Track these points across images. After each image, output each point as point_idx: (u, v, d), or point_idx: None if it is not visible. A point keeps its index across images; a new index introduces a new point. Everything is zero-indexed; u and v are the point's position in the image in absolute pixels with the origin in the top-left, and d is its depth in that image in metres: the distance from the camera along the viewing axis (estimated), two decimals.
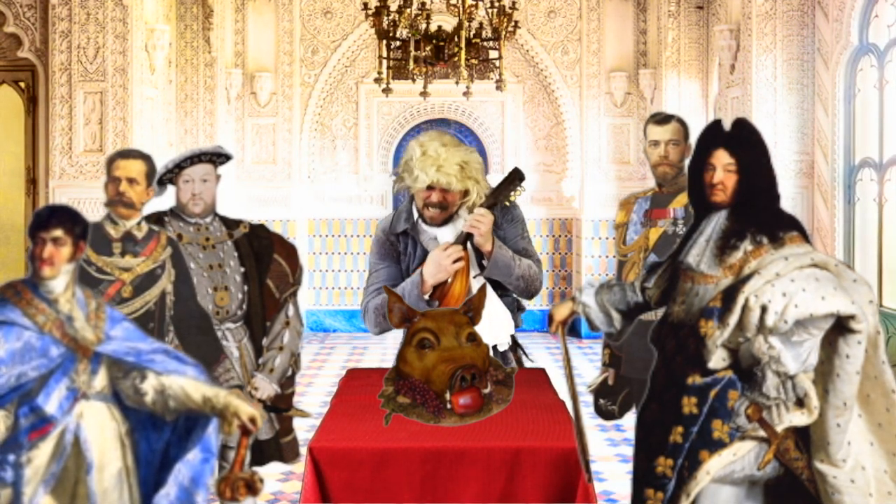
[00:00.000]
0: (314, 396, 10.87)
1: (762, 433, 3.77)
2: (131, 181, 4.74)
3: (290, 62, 15.34)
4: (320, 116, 15.59)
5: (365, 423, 3.90)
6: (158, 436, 3.89)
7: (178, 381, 3.81)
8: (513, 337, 5.06)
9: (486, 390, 3.98)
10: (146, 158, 4.82)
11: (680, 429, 3.85)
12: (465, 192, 4.94)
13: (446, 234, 4.97)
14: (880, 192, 9.83)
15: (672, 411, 3.88)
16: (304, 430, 8.65)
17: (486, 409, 3.93)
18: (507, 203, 4.93)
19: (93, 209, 8.99)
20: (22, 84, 11.80)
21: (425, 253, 4.88)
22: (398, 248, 4.91)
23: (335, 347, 14.59)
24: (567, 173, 15.46)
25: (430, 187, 4.86)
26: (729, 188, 3.93)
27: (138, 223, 4.84)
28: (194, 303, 4.98)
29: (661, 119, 5.70)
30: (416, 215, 4.99)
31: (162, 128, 12.39)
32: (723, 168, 3.93)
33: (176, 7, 13.49)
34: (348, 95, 15.82)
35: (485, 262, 4.86)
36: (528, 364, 5.14)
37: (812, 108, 10.74)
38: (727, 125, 3.98)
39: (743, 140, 3.93)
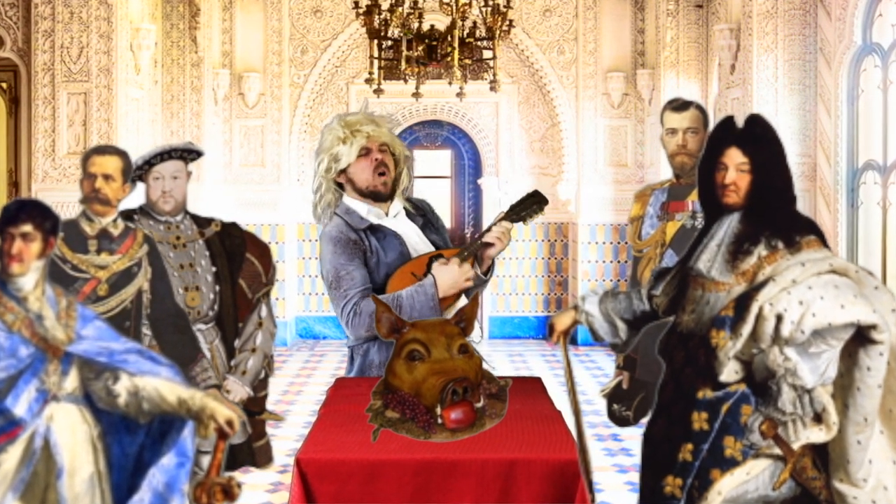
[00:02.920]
0: (303, 405, 10.87)
1: (777, 451, 3.68)
2: (107, 178, 4.72)
3: (279, 62, 15.28)
4: (310, 118, 15.51)
5: (354, 433, 3.78)
6: (132, 439, 3.84)
7: (152, 382, 3.76)
8: None
9: (479, 404, 3.86)
10: (122, 155, 4.79)
11: (689, 446, 3.75)
12: (396, 165, 4.94)
13: (405, 229, 4.92)
14: (884, 196, 9.78)
15: (681, 427, 3.78)
16: (293, 439, 8.66)
17: (479, 423, 3.81)
18: (525, 223, 4.86)
19: (77, 213, 8.92)
20: (3, 85, 11.84)
21: (395, 249, 4.82)
22: (363, 246, 4.80)
23: (325, 355, 14.52)
24: (563, 176, 15.41)
25: (368, 149, 4.83)
26: (742, 189, 3.82)
27: (114, 220, 4.83)
28: (171, 301, 4.98)
29: (679, 106, 5.60)
30: (363, 211, 4.89)
31: (147, 129, 12.42)
32: (735, 168, 3.82)
33: (162, 6, 13.51)
34: (339, 96, 15.77)
35: (478, 273, 4.80)
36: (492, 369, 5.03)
37: (814, 110, 10.69)
38: (739, 122, 3.90)
39: (757, 137, 3.83)
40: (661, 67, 14.16)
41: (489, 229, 4.79)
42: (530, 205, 4.81)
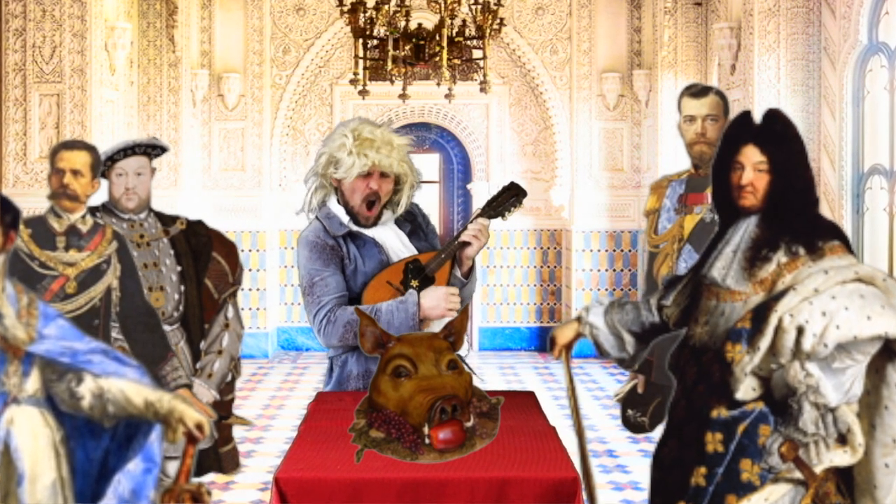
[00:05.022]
0: (285, 420, 10.89)
1: (798, 474, 3.58)
2: (76, 173, 4.81)
3: (260, 62, 15.25)
4: (292, 120, 15.51)
5: (336, 451, 3.73)
6: (96, 444, 3.80)
7: (117, 383, 3.72)
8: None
9: (469, 423, 3.79)
10: (91, 149, 4.90)
11: (703, 469, 3.66)
12: (395, 182, 4.86)
13: (387, 236, 4.86)
14: (891, 202, 9.71)
15: (693, 449, 3.70)
16: (274, 455, 8.63)
17: (469, 444, 3.74)
18: (504, 217, 4.81)
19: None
20: None
21: (373, 257, 4.78)
22: (340, 253, 4.77)
23: (308, 367, 14.47)
24: (556, 181, 15.42)
25: (368, 173, 4.75)
26: (760, 190, 3.72)
27: (83, 216, 4.91)
28: (141, 299, 5.06)
29: (698, 91, 5.57)
30: (345, 217, 4.85)
31: (123, 132, 12.50)
32: (752, 167, 3.72)
33: (138, 3, 13.49)
34: (322, 98, 15.74)
35: (458, 275, 4.79)
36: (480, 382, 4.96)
37: (818, 112, 10.64)
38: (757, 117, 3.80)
39: (776, 134, 3.73)
40: (658, 68, 14.13)
41: (465, 227, 4.74)
42: (508, 198, 4.76)
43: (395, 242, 4.85)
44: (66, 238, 4.82)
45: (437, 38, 10.65)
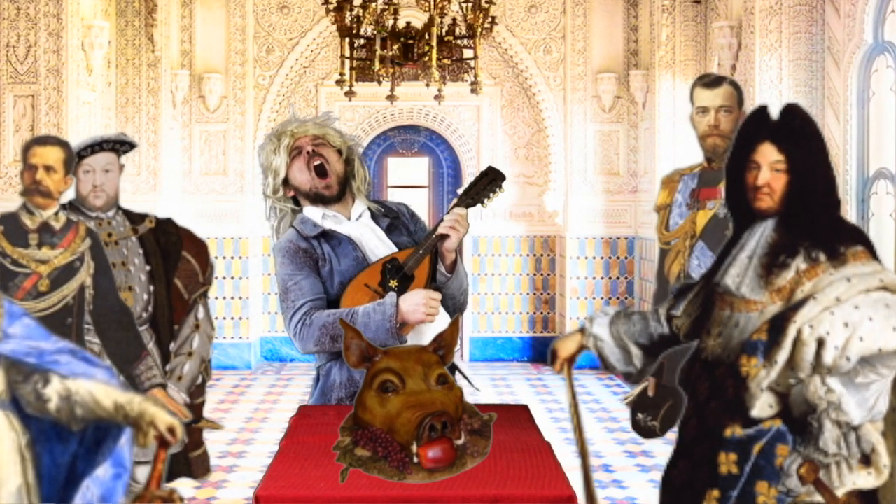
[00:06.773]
0: (268, 433, 10.85)
1: (819, 498, 3.50)
2: (48, 169, 4.90)
3: (243, 62, 15.26)
4: (276, 122, 15.29)
5: (320, 467, 3.66)
6: (64, 448, 3.78)
7: (86, 385, 3.70)
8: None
9: (459, 441, 3.72)
10: (64, 145, 4.99)
11: (716, 493, 3.59)
12: (343, 161, 4.85)
13: (363, 232, 4.82)
14: None
15: (705, 470, 3.63)
16: (257, 470, 8.57)
17: (460, 463, 3.67)
18: (483, 205, 4.77)
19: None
20: None
21: (348, 255, 4.74)
22: (314, 255, 4.75)
23: (292, 378, 14.44)
24: (550, 186, 15.41)
25: (298, 148, 4.78)
26: (777, 192, 3.64)
27: (56, 213, 5.01)
28: (115, 297, 5.15)
29: (711, 82, 5.55)
30: (318, 217, 4.82)
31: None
32: (769, 167, 3.63)
33: (116, 1, 13.45)
34: (307, 99, 15.72)
35: (442, 270, 4.73)
36: (471, 393, 4.85)
37: (822, 114, 10.58)
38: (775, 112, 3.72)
39: (795, 131, 3.65)
40: (655, 68, 14.08)
41: (442, 220, 4.70)
42: (486, 184, 4.73)
43: (371, 238, 4.81)
44: (38, 235, 4.93)
45: (427, 37, 10.59)
